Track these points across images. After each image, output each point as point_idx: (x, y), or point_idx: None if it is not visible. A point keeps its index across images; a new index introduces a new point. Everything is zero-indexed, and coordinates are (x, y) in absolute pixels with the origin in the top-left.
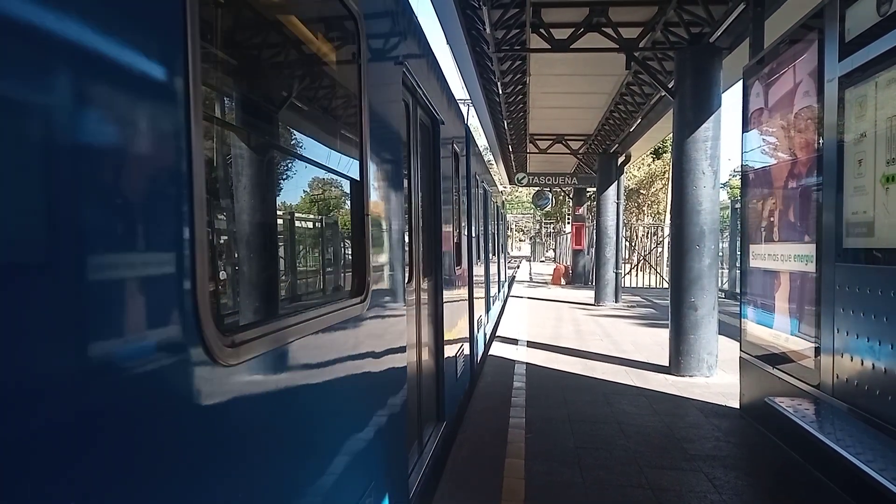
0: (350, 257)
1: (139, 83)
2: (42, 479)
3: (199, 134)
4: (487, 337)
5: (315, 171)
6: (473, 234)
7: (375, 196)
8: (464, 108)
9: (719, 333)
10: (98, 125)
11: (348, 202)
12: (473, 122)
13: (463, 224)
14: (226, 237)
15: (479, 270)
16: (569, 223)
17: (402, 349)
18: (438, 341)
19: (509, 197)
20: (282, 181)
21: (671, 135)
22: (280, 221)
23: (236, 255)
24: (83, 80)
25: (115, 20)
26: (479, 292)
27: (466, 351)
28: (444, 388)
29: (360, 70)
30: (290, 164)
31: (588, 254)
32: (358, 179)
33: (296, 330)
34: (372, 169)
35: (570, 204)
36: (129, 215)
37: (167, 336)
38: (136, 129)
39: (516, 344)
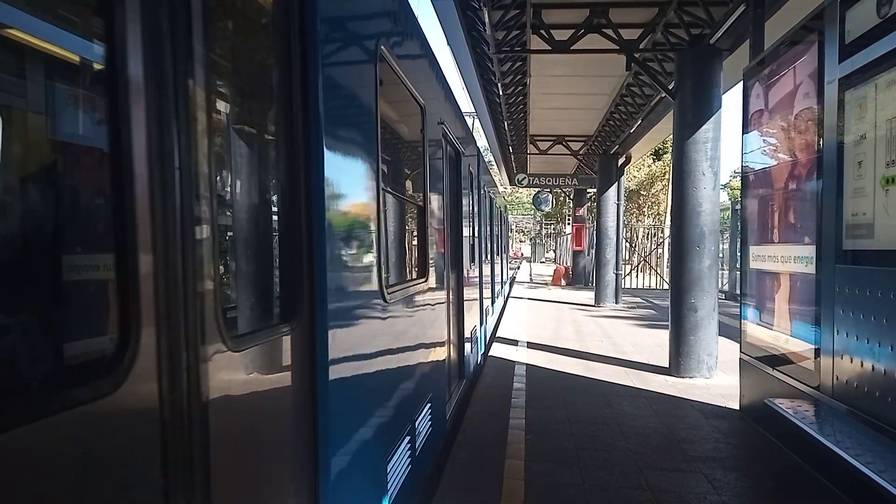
0: (419, 254)
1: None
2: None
3: (380, 188)
4: (492, 325)
5: (407, 202)
6: (482, 237)
7: (431, 214)
8: (468, 120)
9: (719, 335)
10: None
11: (419, 219)
12: (474, 122)
13: (475, 229)
14: (386, 244)
15: (486, 269)
16: (569, 224)
17: (444, 319)
18: (461, 319)
19: (509, 198)
20: (393, 208)
21: (671, 136)
22: (396, 232)
23: (388, 252)
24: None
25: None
26: (486, 286)
27: (478, 332)
28: (465, 355)
29: (423, 136)
30: (397, 198)
31: (588, 255)
32: (422, 205)
33: (407, 290)
34: (429, 196)
35: (571, 205)
36: (361, 237)
37: (375, 289)
38: (359, 185)
39: (516, 345)
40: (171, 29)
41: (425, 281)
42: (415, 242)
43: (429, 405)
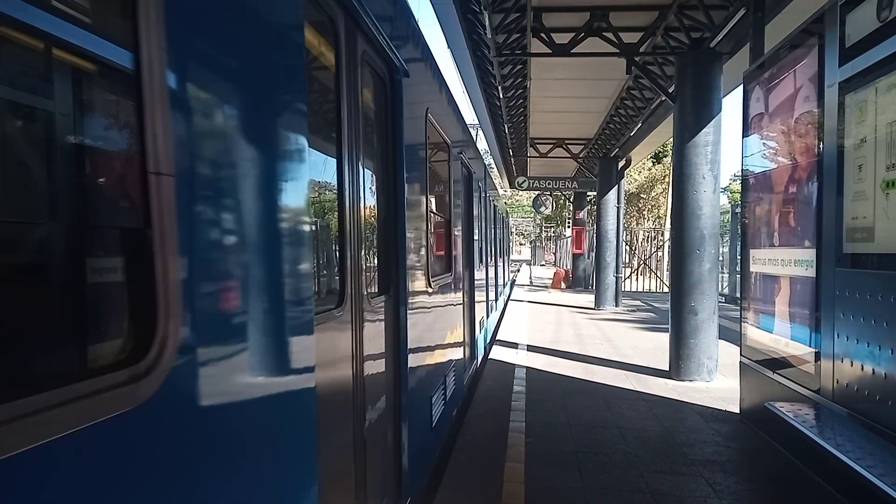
0: (446, 256)
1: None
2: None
3: (429, 209)
4: (496, 320)
5: (439, 217)
6: (488, 241)
7: (454, 224)
8: (472, 131)
9: (719, 338)
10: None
11: (445, 229)
12: (477, 133)
13: (482, 235)
14: (430, 248)
15: (491, 270)
16: (569, 227)
17: (461, 308)
18: (473, 309)
19: (509, 201)
20: (433, 221)
21: (671, 139)
22: (434, 239)
23: (431, 254)
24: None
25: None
26: (491, 286)
27: (485, 322)
28: (476, 339)
29: (449, 167)
30: (436, 215)
31: (588, 258)
32: (449, 219)
33: (440, 281)
34: (452, 211)
35: (571, 208)
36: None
37: (425, 278)
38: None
39: (516, 348)
40: (357, 124)
41: (451, 276)
42: (443, 247)
43: (454, 369)
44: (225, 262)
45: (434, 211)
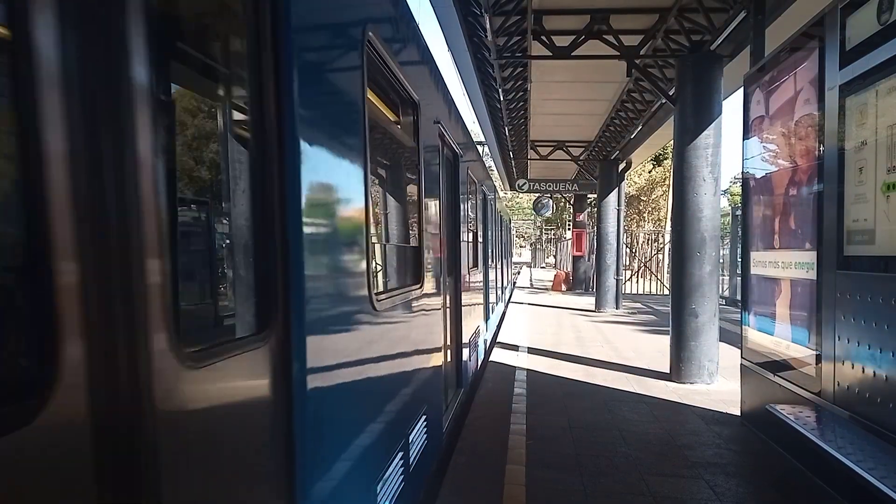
0: (474, 255)
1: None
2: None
3: (469, 228)
4: (501, 311)
5: (471, 231)
6: (497, 244)
7: (478, 234)
8: (479, 148)
9: (720, 340)
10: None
11: (474, 238)
12: (475, 128)
13: (494, 241)
14: (471, 252)
15: (499, 270)
16: (569, 229)
17: (482, 289)
18: (487, 293)
19: (510, 203)
20: (470, 235)
21: (672, 142)
22: (470, 246)
23: (471, 255)
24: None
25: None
26: (500, 277)
27: (496, 308)
28: (489, 312)
29: (475, 199)
30: (471, 231)
31: (589, 260)
32: (474, 231)
33: (474, 270)
34: (478, 225)
35: (571, 210)
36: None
37: (469, 268)
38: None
39: (517, 350)
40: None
41: (478, 269)
42: (473, 249)
43: (480, 326)
44: (437, 258)
45: (469, 226)
